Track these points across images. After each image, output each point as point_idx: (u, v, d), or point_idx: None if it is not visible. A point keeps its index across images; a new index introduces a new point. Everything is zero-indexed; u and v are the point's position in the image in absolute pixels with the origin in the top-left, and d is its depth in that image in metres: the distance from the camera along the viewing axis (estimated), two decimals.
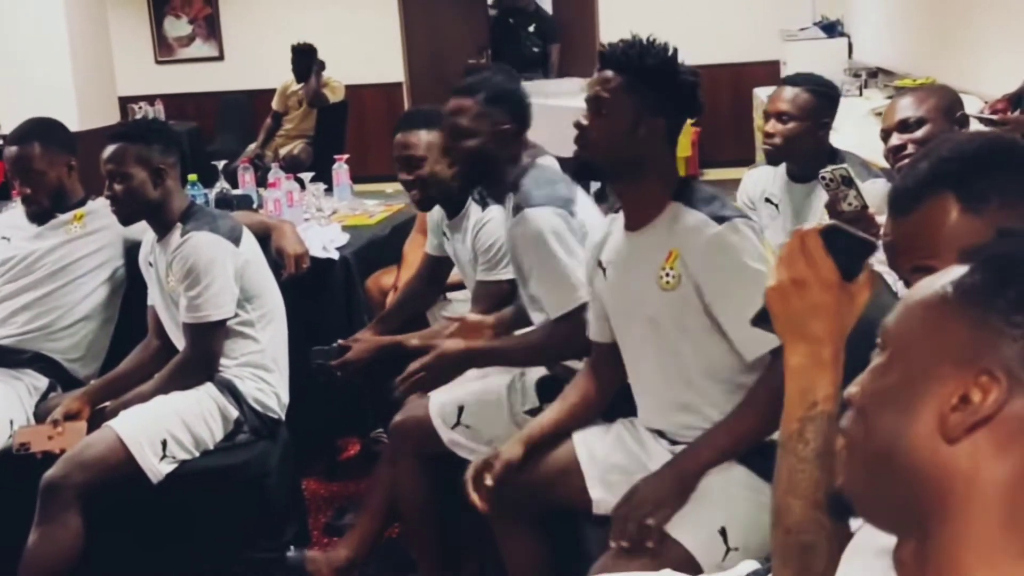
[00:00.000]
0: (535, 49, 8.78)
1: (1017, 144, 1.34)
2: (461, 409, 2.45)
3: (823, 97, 2.96)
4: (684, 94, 2.00)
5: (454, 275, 3.10)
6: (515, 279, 2.67)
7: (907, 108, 2.44)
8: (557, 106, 4.91)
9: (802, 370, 1.16)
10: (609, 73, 1.98)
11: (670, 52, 1.99)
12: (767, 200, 3.12)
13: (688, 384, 1.99)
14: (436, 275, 3.09)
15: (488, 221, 2.75)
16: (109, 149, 2.69)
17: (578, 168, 2.09)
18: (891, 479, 0.87)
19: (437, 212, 2.95)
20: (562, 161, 2.65)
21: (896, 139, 2.44)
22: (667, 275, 1.95)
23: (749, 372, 1.92)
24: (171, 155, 2.74)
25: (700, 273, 1.91)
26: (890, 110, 2.50)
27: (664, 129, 1.98)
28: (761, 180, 3.16)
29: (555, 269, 2.29)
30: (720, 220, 1.90)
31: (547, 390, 2.43)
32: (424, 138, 2.79)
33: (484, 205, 2.78)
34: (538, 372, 2.51)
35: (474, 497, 2.10)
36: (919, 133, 2.42)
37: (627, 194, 2.03)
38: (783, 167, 3.07)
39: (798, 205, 3.02)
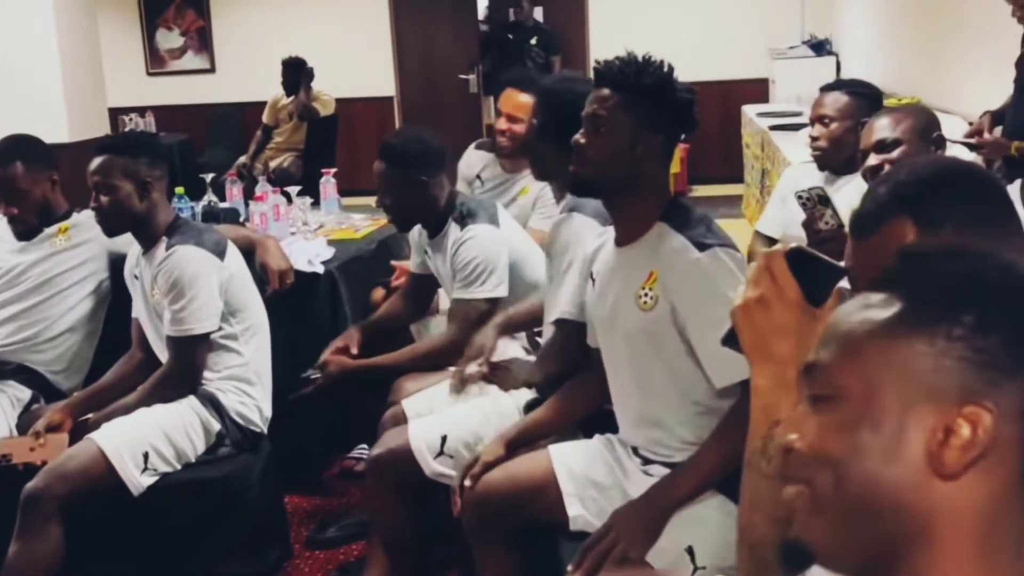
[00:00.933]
0: (539, 61, 8.81)
1: (972, 168, 1.36)
2: (444, 439, 2.44)
3: (864, 98, 3.07)
4: (680, 111, 2.03)
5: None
6: (494, 298, 2.75)
7: (884, 129, 2.46)
8: None
9: (766, 389, 1.17)
10: (606, 91, 2.00)
11: (666, 69, 2.01)
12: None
13: (660, 402, 2.01)
14: (420, 293, 3.11)
15: (467, 240, 2.78)
16: (96, 161, 2.70)
17: (575, 186, 2.11)
18: (867, 524, 0.85)
19: (417, 231, 2.98)
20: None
21: (873, 159, 2.46)
22: (645, 295, 1.97)
23: (721, 397, 1.94)
24: (158, 168, 2.75)
25: (677, 297, 1.93)
26: (868, 130, 2.52)
27: (661, 147, 2.00)
28: (796, 177, 3.22)
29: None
30: (701, 247, 1.92)
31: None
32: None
33: (463, 224, 2.80)
34: (525, 395, 2.52)
35: (458, 504, 2.14)
36: (895, 153, 2.43)
37: (620, 210, 2.05)
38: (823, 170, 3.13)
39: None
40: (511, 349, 2.75)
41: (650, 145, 1.98)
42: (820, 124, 3.06)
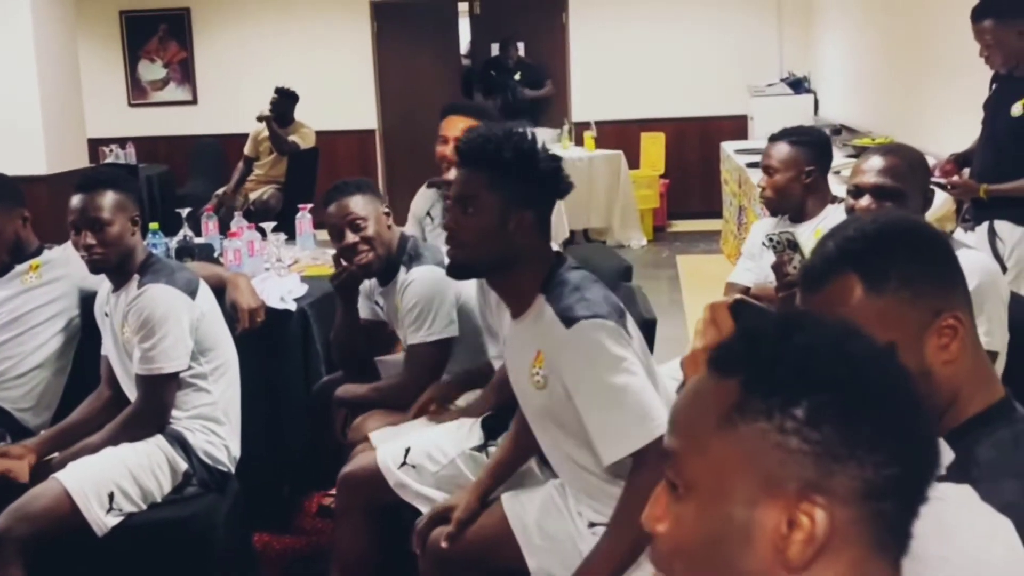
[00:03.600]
0: (520, 97, 8.88)
1: (918, 225, 1.37)
2: (407, 450, 2.45)
3: (807, 146, 3.12)
4: (547, 181, 1.99)
5: None
6: (443, 339, 2.74)
7: (888, 175, 2.34)
8: None
9: None
10: (469, 171, 1.99)
11: (528, 141, 1.98)
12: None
13: (579, 466, 2.02)
14: (376, 336, 3.09)
15: (409, 283, 2.77)
16: (89, 196, 2.66)
17: (452, 269, 2.06)
18: None
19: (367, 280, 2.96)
20: None
21: (867, 202, 2.37)
22: (537, 375, 1.98)
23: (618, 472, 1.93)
24: (138, 204, 2.76)
25: (561, 375, 1.93)
26: (866, 168, 2.39)
27: (532, 219, 1.97)
28: (763, 228, 3.27)
29: None
30: (569, 322, 1.89)
31: (493, 428, 2.46)
32: (362, 202, 2.83)
33: (408, 267, 2.80)
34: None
35: (418, 550, 2.12)
36: (888, 205, 2.33)
37: (503, 288, 2.04)
38: (785, 217, 3.19)
39: None
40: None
41: (520, 220, 1.95)
42: (766, 174, 3.14)
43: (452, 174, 3.28)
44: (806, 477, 0.83)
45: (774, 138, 3.18)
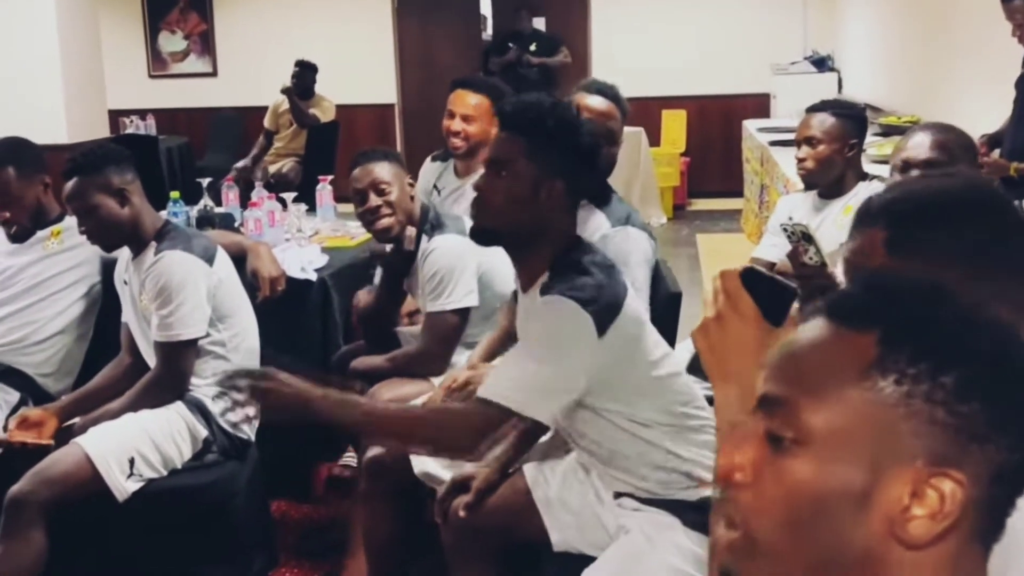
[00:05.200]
0: (531, 68, 8.81)
1: (972, 191, 1.32)
2: None
3: (851, 120, 3.07)
4: (585, 156, 1.96)
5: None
6: (463, 308, 2.73)
7: (938, 149, 2.29)
8: None
9: (728, 407, 1.14)
10: (510, 134, 1.95)
11: (571, 112, 1.96)
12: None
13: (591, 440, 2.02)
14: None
15: (431, 251, 2.77)
16: (67, 188, 2.68)
17: (475, 235, 2.03)
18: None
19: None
20: None
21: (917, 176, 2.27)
22: None
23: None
24: (127, 172, 2.72)
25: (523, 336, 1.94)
26: (916, 144, 2.35)
27: (563, 193, 1.93)
28: (789, 206, 3.23)
29: None
30: (545, 292, 1.88)
31: None
32: (388, 168, 2.83)
33: (430, 236, 2.80)
34: None
35: (439, 520, 2.12)
36: None
37: (521, 259, 2.00)
38: (813, 192, 3.15)
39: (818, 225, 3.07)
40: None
41: (552, 191, 1.91)
42: (807, 145, 3.06)
43: (459, 143, 3.33)
44: (941, 451, 0.77)
45: (815, 109, 3.13)
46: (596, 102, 2.60)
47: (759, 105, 8.63)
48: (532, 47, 8.96)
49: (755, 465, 0.83)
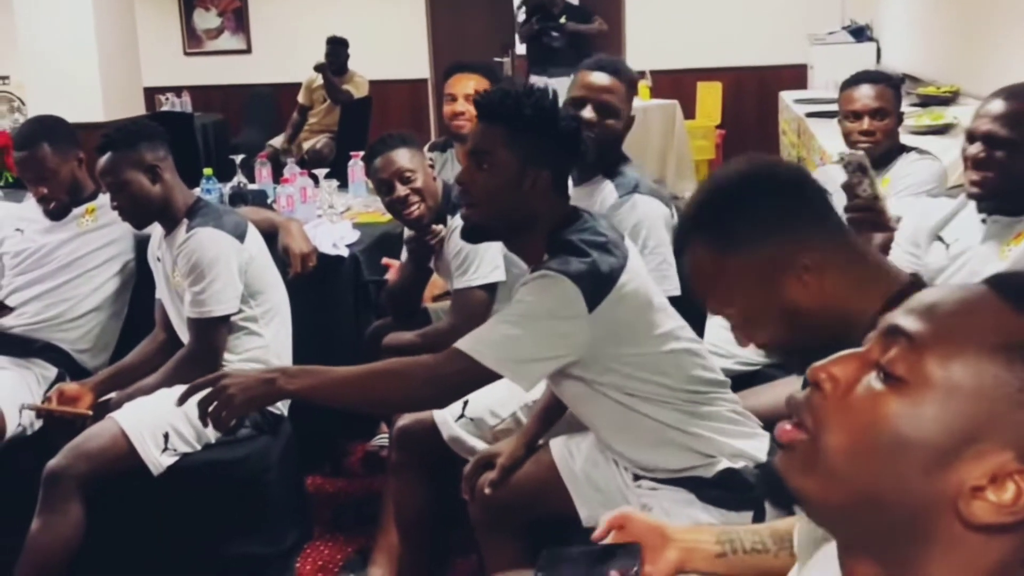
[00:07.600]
0: (556, 37, 8.70)
1: (754, 171, 1.34)
2: (466, 403, 2.43)
3: (897, 90, 3.14)
4: (566, 141, 1.95)
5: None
6: (490, 283, 2.73)
7: (1001, 122, 2.21)
8: None
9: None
10: (487, 125, 1.94)
11: (549, 99, 1.93)
12: None
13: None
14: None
15: (457, 228, 2.74)
16: (100, 163, 2.72)
17: (467, 232, 2.01)
18: (867, 510, 0.80)
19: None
20: None
21: (976, 148, 2.25)
22: None
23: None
24: (159, 149, 2.75)
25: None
26: (982, 113, 2.27)
27: (549, 180, 1.92)
28: (823, 179, 3.18)
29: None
30: (535, 269, 1.89)
31: None
32: (408, 154, 2.82)
33: (455, 213, 2.77)
34: None
35: (467, 496, 2.12)
36: (999, 154, 2.22)
37: (522, 251, 2.00)
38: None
39: None
40: None
41: (536, 179, 1.90)
42: (873, 118, 3.05)
43: (464, 123, 3.31)
44: None
45: (873, 80, 3.11)
46: (595, 78, 2.56)
47: (796, 76, 8.51)
48: (562, 19, 8.87)
49: (849, 383, 0.82)
